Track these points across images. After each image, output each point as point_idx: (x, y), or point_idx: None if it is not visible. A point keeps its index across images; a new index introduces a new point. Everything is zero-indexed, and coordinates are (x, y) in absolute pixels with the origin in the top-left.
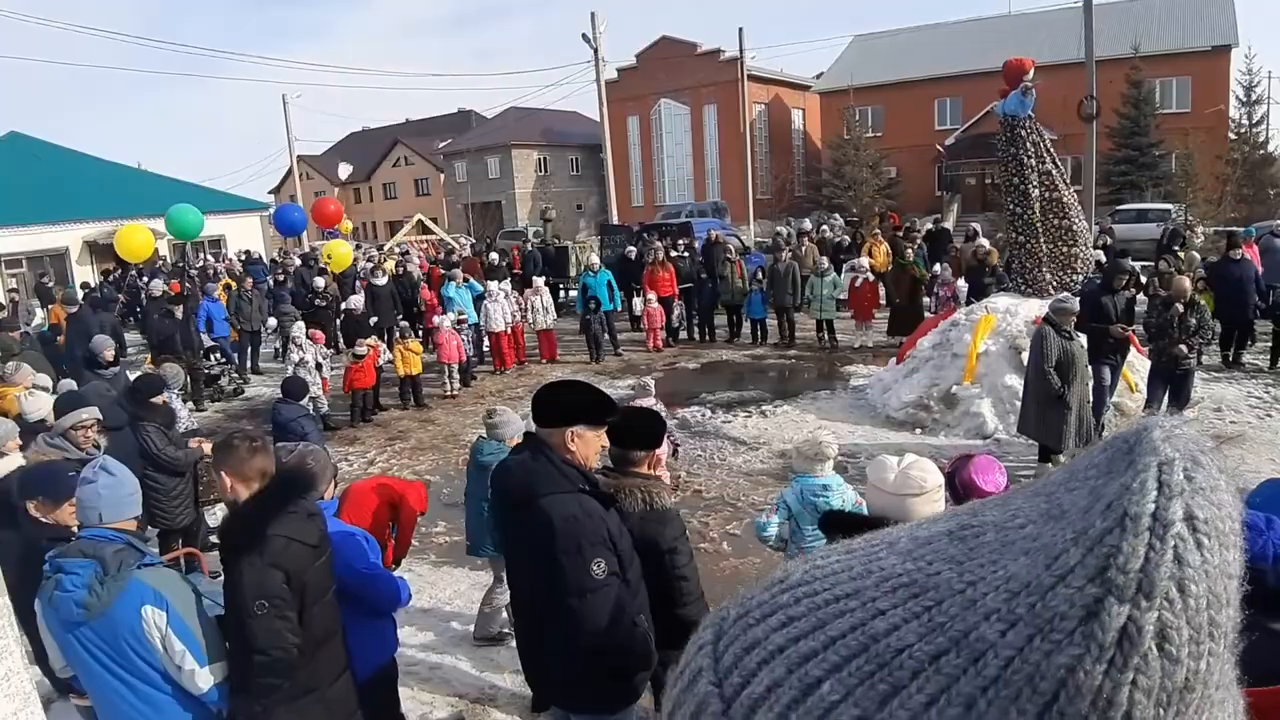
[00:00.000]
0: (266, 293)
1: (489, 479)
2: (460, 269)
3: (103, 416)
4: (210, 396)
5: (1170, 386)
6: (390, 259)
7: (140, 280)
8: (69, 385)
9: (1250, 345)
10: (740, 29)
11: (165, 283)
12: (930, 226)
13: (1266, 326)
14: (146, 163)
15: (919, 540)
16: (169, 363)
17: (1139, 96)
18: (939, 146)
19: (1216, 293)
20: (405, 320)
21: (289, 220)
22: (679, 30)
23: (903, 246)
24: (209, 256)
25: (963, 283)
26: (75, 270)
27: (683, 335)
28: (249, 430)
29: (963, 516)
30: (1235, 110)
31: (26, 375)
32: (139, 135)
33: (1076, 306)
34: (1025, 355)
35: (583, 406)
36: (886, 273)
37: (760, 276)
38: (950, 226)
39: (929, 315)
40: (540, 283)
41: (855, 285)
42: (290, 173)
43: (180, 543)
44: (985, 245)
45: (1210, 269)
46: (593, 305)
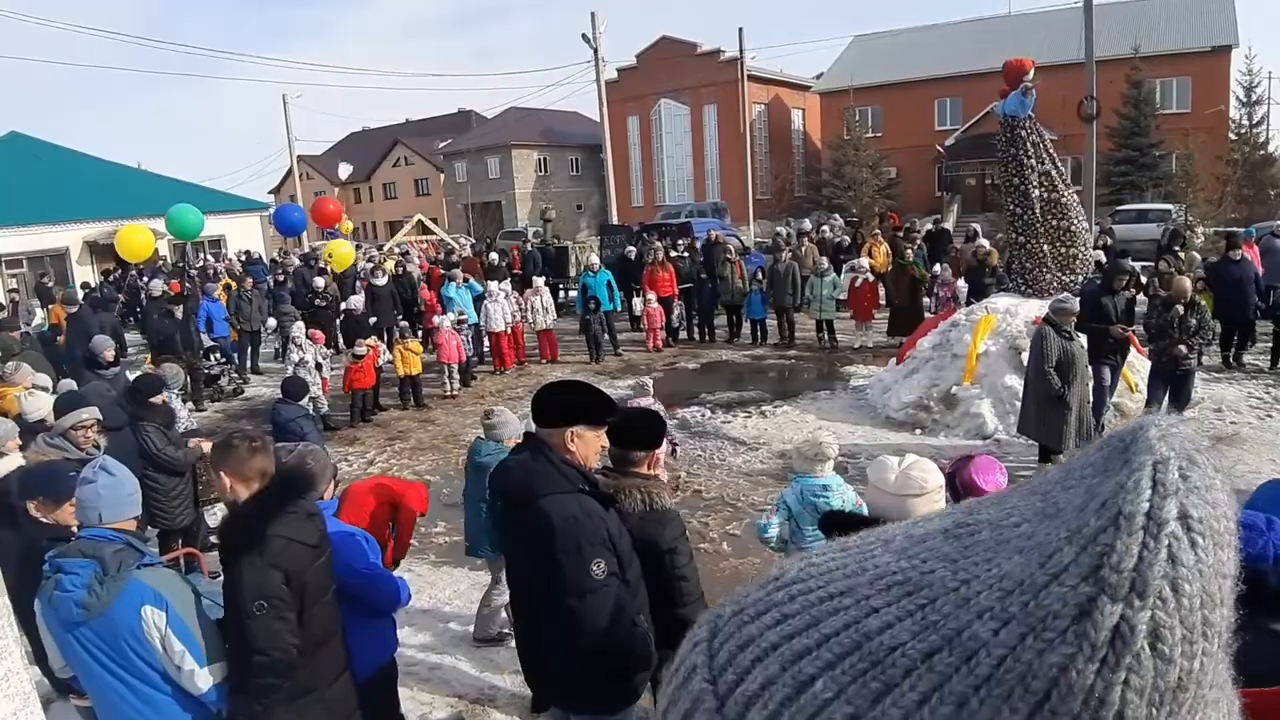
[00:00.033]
0: (266, 293)
1: (487, 479)
2: (460, 269)
3: (103, 416)
4: (210, 396)
5: (1170, 387)
6: (390, 259)
7: (140, 280)
8: (69, 385)
9: (1251, 346)
10: (740, 29)
11: (165, 283)
12: (930, 227)
13: (1267, 327)
14: (146, 163)
15: (914, 538)
16: (169, 363)
17: (1139, 97)
18: (939, 147)
19: (1216, 293)
20: (405, 320)
21: (289, 220)
22: (679, 30)
23: (903, 247)
24: (209, 256)
25: (963, 283)
26: (75, 270)
27: (682, 335)
28: (248, 430)
29: (959, 515)
30: (1235, 111)
31: (26, 375)
32: (139, 135)
33: (1076, 307)
34: (1025, 356)
35: (582, 407)
36: (886, 273)
37: (760, 277)
38: (950, 227)
39: (929, 316)
40: (540, 283)
41: (855, 285)
42: (290, 173)
43: (180, 543)
44: (985, 246)
45: (1210, 269)
46: (593, 305)
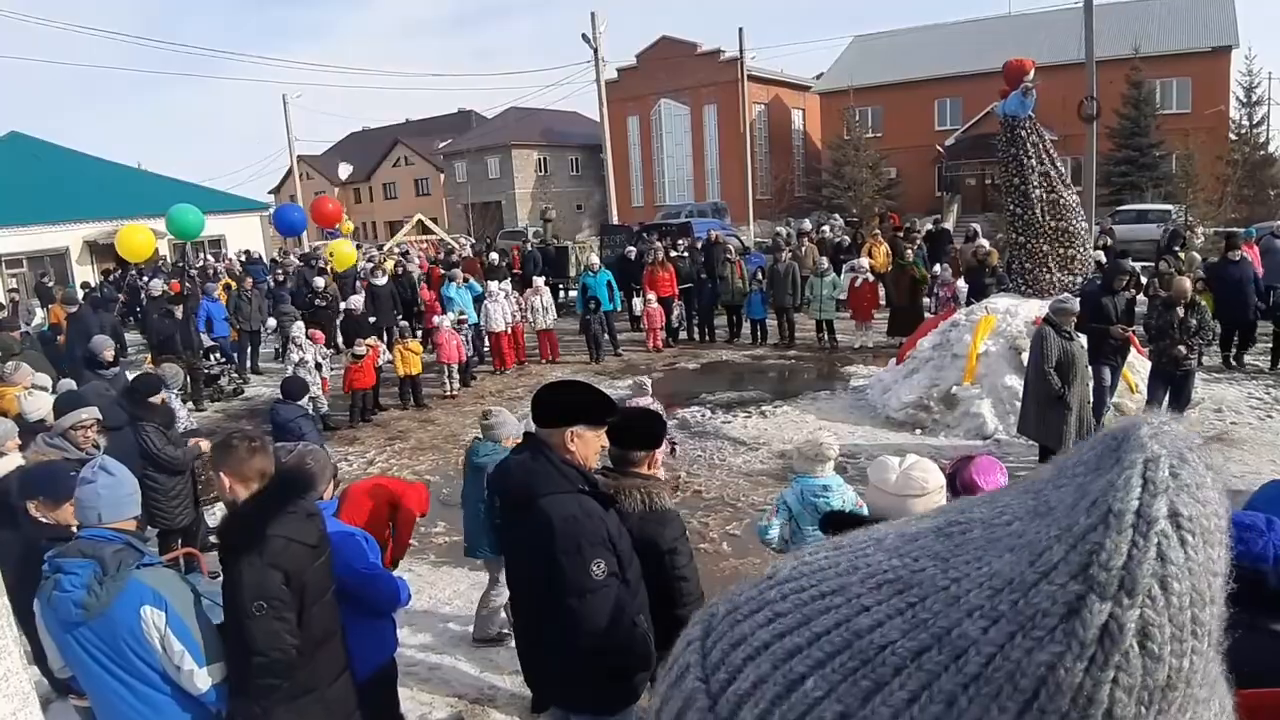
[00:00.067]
0: (266, 293)
1: (485, 480)
2: (460, 269)
3: (102, 416)
4: (210, 396)
5: (1171, 387)
6: (390, 259)
7: (140, 280)
8: (68, 385)
9: (1251, 346)
10: (740, 29)
11: (165, 282)
12: (930, 227)
13: (1267, 328)
14: (146, 163)
15: (906, 537)
16: (168, 363)
17: (1139, 97)
18: (939, 147)
19: (1216, 294)
20: (405, 320)
21: (289, 220)
22: (679, 30)
23: (903, 247)
24: (209, 256)
25: (963, 283)
26: (75, 270)
27: (682, 335)
28: (248, 430)
29: (951, 513)
30: (1235, 111)
31: (26, 375)
32: (139, 135)
33: (1076, 307)
34: (1025, 356)
35: (582, 407)
36: (886, 273)
37: (760, 277)
38: (950, 227)
39: (929, 316)
40: (540, 283)
41: (855, 286)
42: (290, 173)
43: (180, 543)
44: (985, 246)
45: (1209, 270)
46: (593, 305)
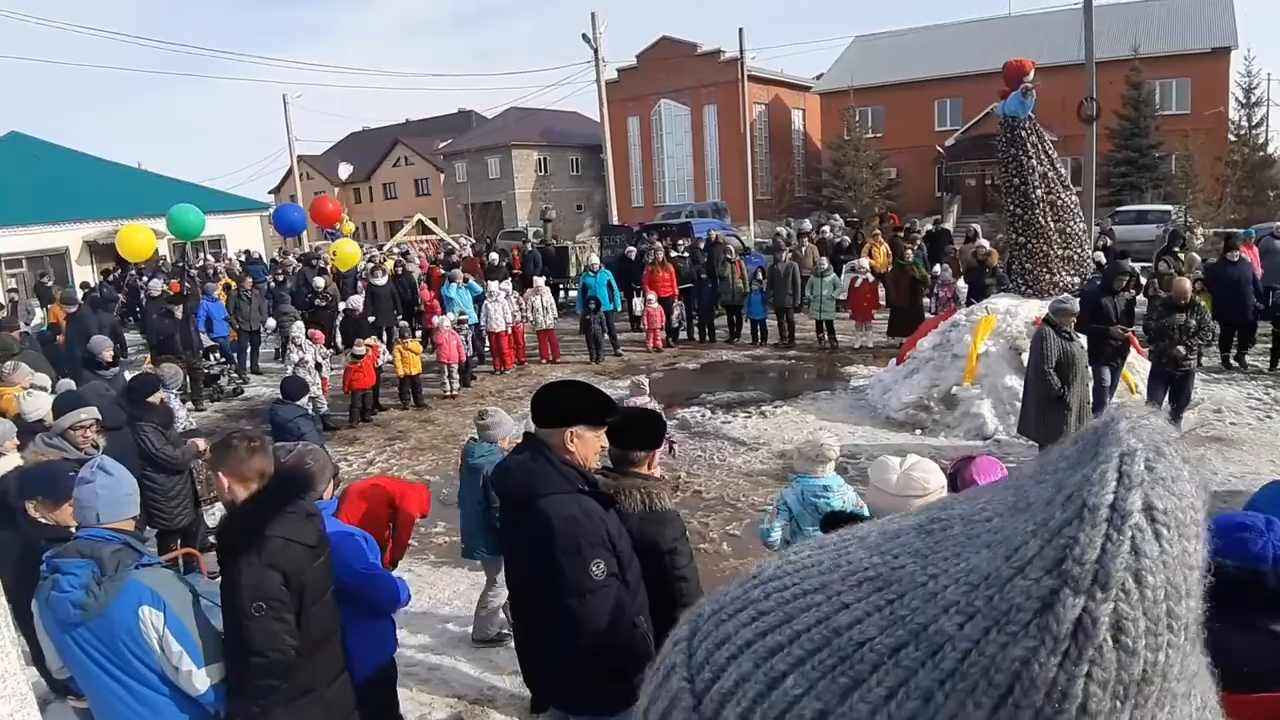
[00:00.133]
0: (266, 293)
1: (481, 480)
2: (460, 269)
3: (101, 416)
4: (209, 396)
5: (1170, 388)
6: (390, 259)
7: (140, 280)
8: (67, 385)
9: (1250, 347)
10: (740, 29)
11: (165, 282)
12: (930, 227)
13: (1266, 328)
14: (147, 163)
15: (888, 534)
16: (168, 363)
17: (1139, 98)
18: (939, 147)
19: (1214, 294)
20: (405, 320)
21: (288, 220)
22: (679, 30)
23: (903, 247)
24: (209, 256)
25: (963, 283)
26: (75, 270)
27: (682, 335)
28: (247, 430)
29: (934, 510)
30: (1235, 112)
31: (24, 375)
32: (139, 135)
33: (1076, 307)
34: (1025, 356)
35: (582, 407)
36: (886, 273)
37: (760, 277)
38: (950, 227)
39: (929, 316)
40: (541, 283)
41: (855, 286)
42: (290, 173)
43: (179, 543)
44: (985, 246)
45: (1208, 271)
46: (593, 305)
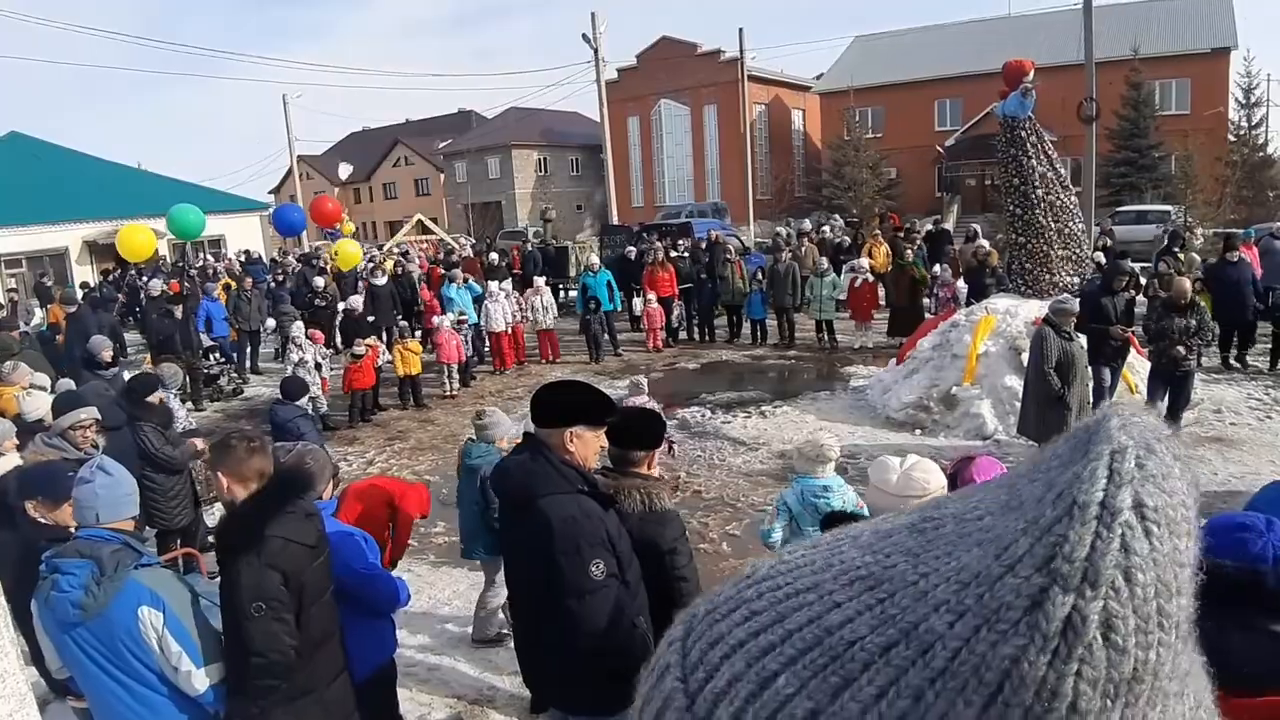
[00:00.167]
0: (266, 293)
1: (479, 481)
2: (460, 269)
3: (101, 416)
4: (209, 396)
5: (1170, 388)
6: (389, 259)
7: (140, 280)
8: (67, 385)
9: (1250, 347)
10: (740, 29)
11: (164, 282)
12: (930, 227)
13: (1266, 328)
14: (146, 163)
15: (880, 534)
16: (168, 363)
17: (1138, 98)
18: (939, 147)
19: (1214, 295)
20: (405, 320)
21: (288, 220)
22: (679, 30)
23: (902, 247)
24: (209, 256)
25: (962, 284)
26: (75, 270)
27: (682, 336)
28: (247, 431)
29: (927, 509)
30: (1234, 112)
31: (24, 375)
32: (139, 135)
33: (1076, 307)
34: (1025, 356)
35: (582, 407)
36: (886, 273)
37: (760, 277)
38: (950, 227)
39: (929, 316)
40: (541, 282)
41: (855, 286)
42: (290, 173)
43: (178, 543)
44: (985, 246)
45: (1207, 271)
46: (592, 305)
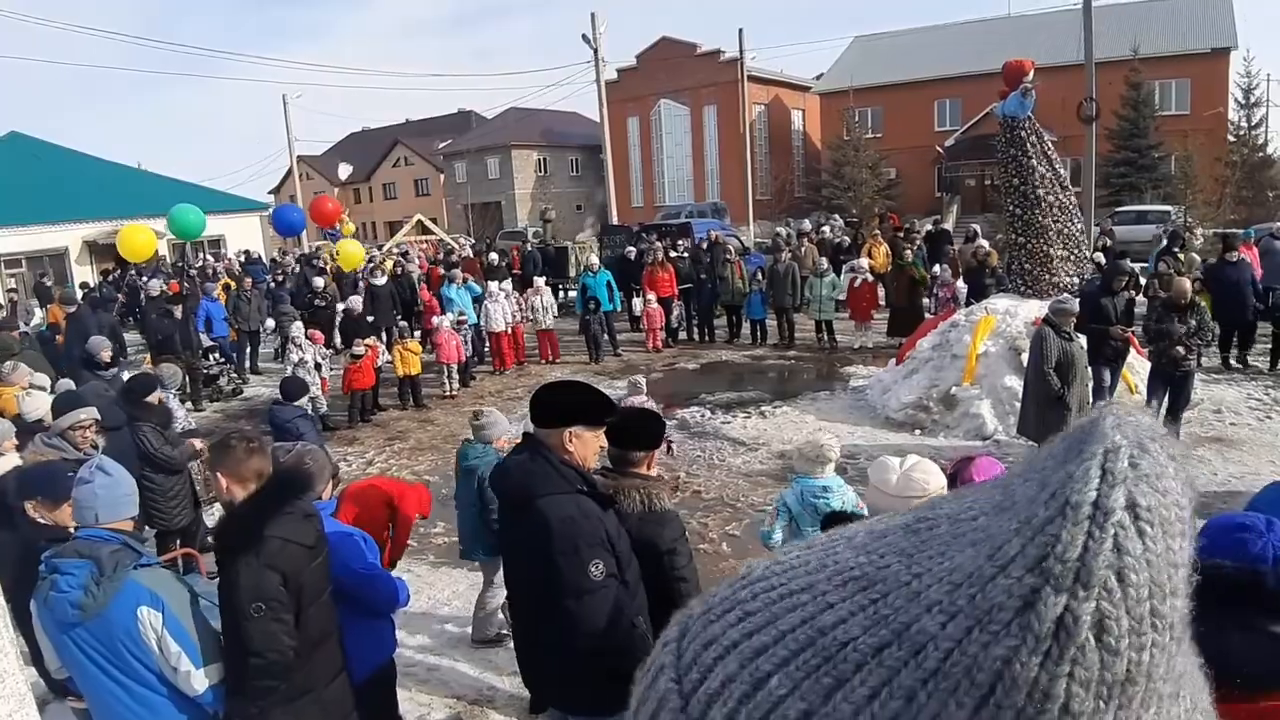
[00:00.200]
0: (265, 293)
1: (476, 482)
2: (460, 270)
3: (101, 416)
4: (209, 396)
5: (1170, 388)
6: (389, 259)
7: (139, 280)
8: (67, 385)
9: (1250, 347)
10: (740, 29)
11: (164, 282)
12: (930, 227)
13: (1267, 328)
14: (146, 163)
15: (875, 534)
16: (167, 363)
17: (1138, 98)
18: (939, 148)
19: (1213, 295)
20: (404, 321)
21: (287, 220)
22: (679, 31)
23: (902, 247)
24: (208, 256)
25: (962, 284)
26: (75, 270)
27: (682, 336)
28: (246, 431)
29: (922, 510)
30: (1234, 112)
31: (24, 375)
32: (139, 135)
33: (1076, 307)
34: (1025, 356)
35: (581, 407)
36: (886, 274)
37: (760, 277)
38: (950, 228)
39: (928, 316)
40: (540, 282)
41: (854, 286)
42: (290, 173)
43: (178, 544)
44: (985, 246)
45: (1207, 271)
46: (592, 306)
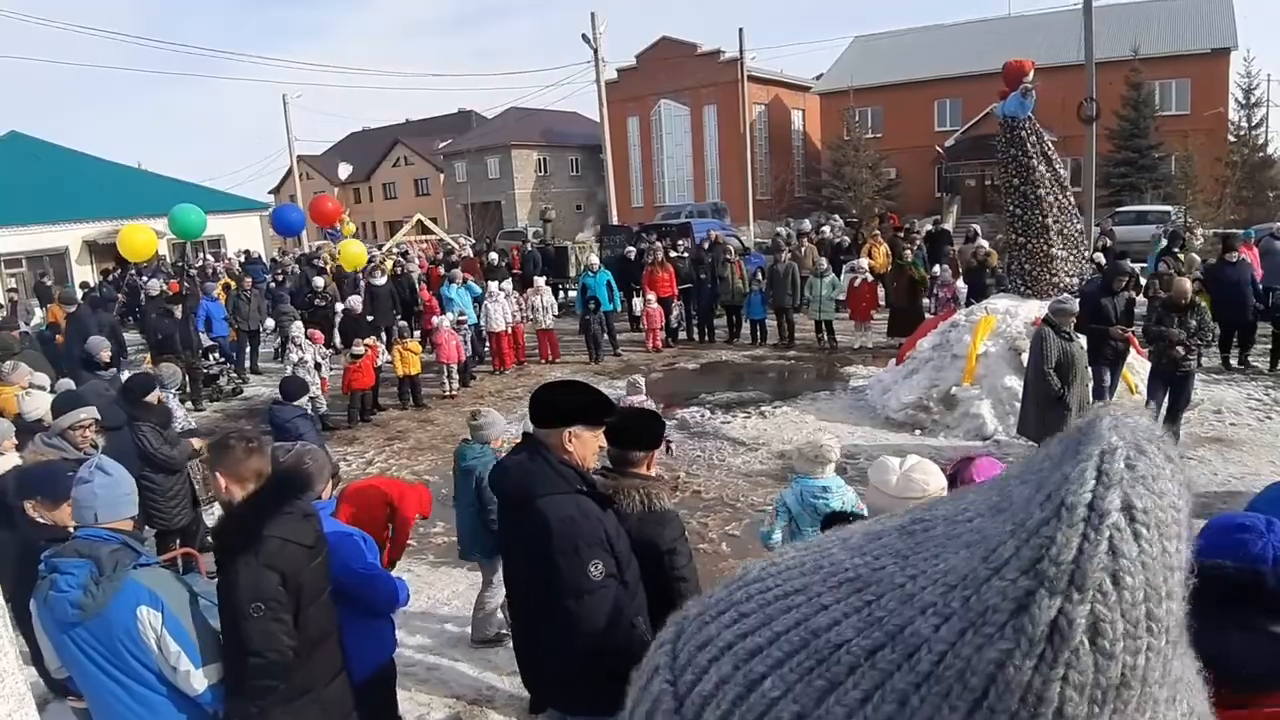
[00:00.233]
0: (265, 293)
1: (474, 482)
2: (460, 269)
3: (100, 416)
4: (209, 396)
5: (1170, 388)
6: (389, 259)
7: (139, 280)
8: (67, 385)
9: (1250, 347)
10: (740, 29)
11: (164, 282)
12: (930, 228)
13: (1267, 329)
14: (147, 163)
15: (870, 535)
16: (167, 363)
17: (1138, 99)
18: (939, 148)
19: (1213, 295)
20: (404, 320)
21: (287, 220)
22: (679, 31)
23: (902, 247)
24: (208, 256)
25: (962, 284)
26: (75, 270)
27: (682, 336)
28: (245, 431)
29: (919, 511)
30: (1234, 113)
31: (24, 374)
32: (139, 135)
33: (1076, 307)
34: (1025, 356)
35: (580, 407)
36: (886, 274)
37: (760, 277)
38: (950, 228)
39: (928, 316)
40: (540, 282)
41: (854, 286)
42: (290, 173)
43: (177, 543)
44: (985, 247)
45: (1207, 271)
46: (592, 305)
